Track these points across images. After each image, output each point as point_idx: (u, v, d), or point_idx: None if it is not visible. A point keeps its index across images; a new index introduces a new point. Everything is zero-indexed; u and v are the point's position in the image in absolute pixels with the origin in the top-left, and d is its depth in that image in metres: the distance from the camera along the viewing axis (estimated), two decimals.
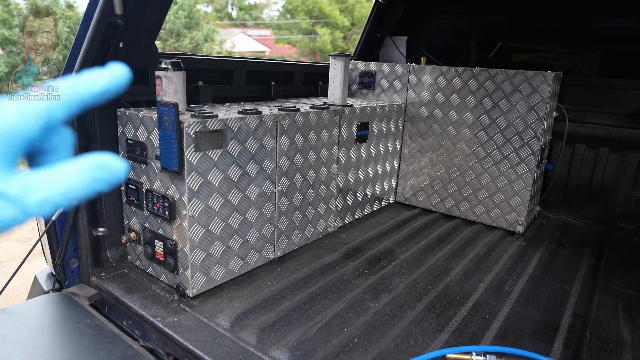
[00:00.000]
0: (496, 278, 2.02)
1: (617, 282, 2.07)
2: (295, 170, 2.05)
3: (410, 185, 2.93)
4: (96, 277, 1.83)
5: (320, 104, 2.27)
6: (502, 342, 1.55)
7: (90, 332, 1.47)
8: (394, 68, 2.85)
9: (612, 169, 2.82)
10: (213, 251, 1.73)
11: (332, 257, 2.11)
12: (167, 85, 1.68)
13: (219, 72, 2.33)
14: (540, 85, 2.35)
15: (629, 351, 1.53)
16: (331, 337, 1.51)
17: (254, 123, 1.78)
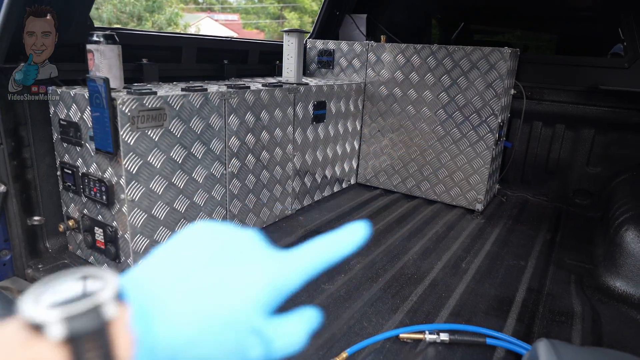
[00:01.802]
0: (454, 256, 2.01)
1: (570, 255, 2.10)
2: (247, 151, 1.96)
3: (372, 166, 2.89)
4: (32, 269, 1.70)
5: (274, 82, 2.17)
6: (457, 320, 1.53)
7: None
8: (353, 46, 2.77)
9: (568, 145, 2.85)
10: (158, 237, 1.63)
11: (289, 240, 2.04)
12: (100, 60, 1.55)
13: (165, 49, 2.19)
14: (497, 61, 2.33)
15: (579, 322, 1.54)
16: None
17: (199, 101, 1.68)
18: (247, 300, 0.35)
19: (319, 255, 0.39)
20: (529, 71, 2.81)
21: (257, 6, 28.04)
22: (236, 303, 0.34)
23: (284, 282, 0.37)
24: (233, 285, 0.35)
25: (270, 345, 0.36)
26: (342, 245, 0.40)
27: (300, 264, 0.38)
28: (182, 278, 0.34)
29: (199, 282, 0.34)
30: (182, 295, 0.33)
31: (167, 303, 0.32)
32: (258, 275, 0.36)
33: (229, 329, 0.34)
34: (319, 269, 0.39)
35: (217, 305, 0.34)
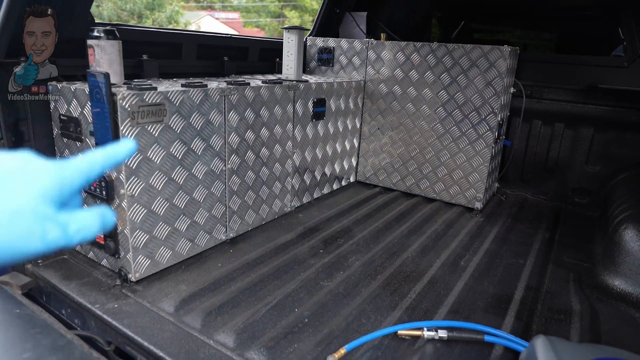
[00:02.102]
0: (453, 254, 2.01)
1: (569, 254, 2.10)
2: (247, 148, 1.96)
3: (371, 164, 2.89)
4: (32, 264, 1.70)
5: (273, 79, 2.17)
6: (455, 317, 1.54)
7: (18, 323, 1.35)
8: (353, 44, 2.77)
9: (567, 144, 2.86)
10: (157, 233, 1.63)
11: (288, 237, 2.04)
12: (101, 55, 1.55)
13: (166, 45, 2.19)
14: (497, 60, 2.33)
15: (577, 320, 1.55)
16: (281, 318, 1.46)
17: (199, 97, 1.68)
18: (33, 195, 0.44)
19: (81, 165, 0.49)
20: (528, 70, 2.81)
21: (258, 4, 28.00)
22: (24, 199, 0.43)
23: (67, 177, 0.47)
24: (19, 184, 0.44)
25: (66, 230, 0.45)
26: (103, 159, 0.50)
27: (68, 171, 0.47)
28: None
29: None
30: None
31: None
32: (40, 175, 0.45)
33: (22, 218, 0.42)
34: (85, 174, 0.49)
35: (6, 200, 0.42)
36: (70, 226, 0.45)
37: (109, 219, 0.49)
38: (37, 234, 0.43)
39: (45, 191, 0.45)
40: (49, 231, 0.44)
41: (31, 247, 0.43)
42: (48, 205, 0.45)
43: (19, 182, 0.44)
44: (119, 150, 0.51)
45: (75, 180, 0.48)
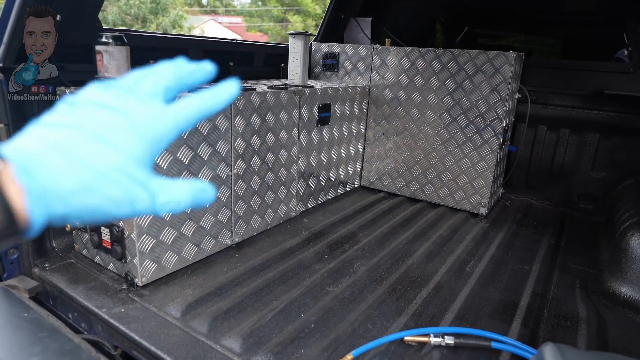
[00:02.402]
0: (458, 259, 2.01)
1: (575, 260, 2.10)
2: (253, 153, 1.97)
3: (375, 169, 2.90)
4: (39, 268, 1.71)
5: (279, 85, 2.18)
6: (462, 323, 1.53)
7: (26, 327, 1.36)
8: (358, 49, 2.78)
9: (572, 150, 2.85)
10: (164, 237, 1.64)
11: (293, 242, 2.05)
12: (109, 61, 1.56)
13: (172, 50, 2.21)
14: (502, 65, 2.33)
15: (585, 327, 1.54)
16: (287, 323, 1.46)
17: None
18: (128, 155, 0.40)
19: (189, 109, 0.44)
20: (533, 75, 2.81)
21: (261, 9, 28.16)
22: (119, 157, 0.39)
23: (160, 136, 0.42)
24: (113, 139, 0.39)
25: (155, 199, 0.41)
26: (212, 100, 0.45)
27: (172, 118, 0.43)
28: (60, 141, 0.38)
29: (78, 142, 0.38)
30: (60, 150, 0.37)
31: (48, 160, 0.37)
32: (136, 130, 0.41)
33: (115, 181, 0.39)
34: (190, 122, 0.44)
35: (98, 159, 0.38)
36: (163, 195, 0.41)
37: (207, 196, 0.44)
38: (129, 197, 0.39)
39: (146, 145, 0.41)
40: (141, 197, 0.40)
41: (119, 211, 0.39)
42: (144, 166, 0.41)
43: (119, 131, 0.40)
44: (222, 93, 0.46)
45: (175, 131, 0.43)
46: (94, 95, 0.41)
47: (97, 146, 0.38)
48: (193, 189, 0.43)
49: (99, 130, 0.39)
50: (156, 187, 0.41)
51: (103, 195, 0.38)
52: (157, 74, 0.44)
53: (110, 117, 0.40)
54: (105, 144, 0.39)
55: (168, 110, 0.43)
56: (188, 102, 0.44)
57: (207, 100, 0.44)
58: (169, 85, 0.44)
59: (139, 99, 0.42)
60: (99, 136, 0.39)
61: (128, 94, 0.42)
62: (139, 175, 0.40)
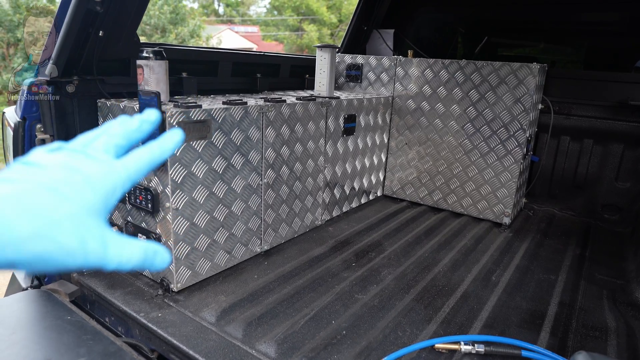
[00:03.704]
0: (484, 269, 2.03)
1: (601, 271, 2.09)
2: (282, 163, 2.02)
3: (398, 178, 2.93)
4: (77, 272, 1.78)
5: (307, 96, 2.24)
6: (490, 332, 1.55)
7: (70, 329, 1.42)
8: (381, 61, 2.83)
9: (596, 160, 2.85)
10: (198, 245, 1.69)
11: (320, 250, 2.09)
12: (149, 74, 1.64)
13: (203, 63, 2.28)
14: (526, 77, 2.36)
15: (614, 337, 1.55)
16: (319, 330, 1.49)
17: (239, 114, 1.75)
18: (83, 206, 0.40)
19: (139, 161, 0.46)
20: (556, 86, 2.82)
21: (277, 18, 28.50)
22: (73, 207, 0.40)
23: (113, 188, 0.43)
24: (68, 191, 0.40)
25: (107, 251, 0.41)
26: (159, 150, 0.48)
27: (124, 171, 0.45)
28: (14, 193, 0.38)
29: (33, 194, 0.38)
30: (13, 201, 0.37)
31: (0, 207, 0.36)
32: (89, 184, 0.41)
33: (69, 230, 0.39)
34: (142, 173, 0.46)
35: (53, 208, 0.38)
36: (115, 249, 0.42)
37: (160, 258, 0.45)
38: (82, 247, 0.40)
39: (99, 197, 0.42)
40: (93, 248, 0.40)
41: (70, 261, 0.39)
42: (98, 217, 0.42)
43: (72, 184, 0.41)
44: (167, 143, 0.48)
45: (128, 183, 0.45)
46: (47, 156, 0.42)
47: (51, 197, 0.39)
48: (146, 249, 0.44)
49: (54, 183, 0.40)
50: (109, 240, 0.42)
51: (56, 244, 0.38)
52: (107, 134, 0.47)
53: (64, 173, 0.41)
54: (59, 195, 0.39)
55: (119, 164, 0.45)
56: (138, 155, 0.46)
57: (154, 150, 0.47)
58: (119, 143, 0.47)
59: (91, 157, 0.44)
60: (53, 188, 0.39)
61: (79, 153, 0.44)
62: (93, 225, 0.41)
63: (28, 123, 1.66)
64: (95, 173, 0.42)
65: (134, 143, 0.48)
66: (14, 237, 0.36)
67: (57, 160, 0.42)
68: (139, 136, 0.48)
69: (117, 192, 0.44)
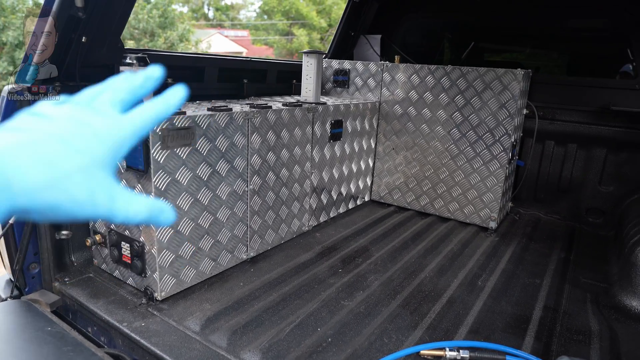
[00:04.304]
0: (470, 274, 2.03)
1: (585, 274, 2.12)
2: (268, 169, 2.02)
3: (385, 183, 2.93)
4: (59, 282, 1.75)
5: (293, 102, 2.24)
6: (476, 337, 1.55)
7: (51, 341, 1.40)
8: (368, 66, 2.84)
9: (580, 164, 2.88)
10: (182, 252, 1.68)
11: (307, 256, 2.08)
12: None
13: (189, 69, 2.27)
14: (510, 82, 2.38)
15: (597, 341, 1.56)
16: (304, 337, 1.49)
17: (224, 120, 1.74)
18: (93, 159, 0.41)
19: (144, 116, 0.46)
20: (541, 91, 2.86)
21: (267, 23, 28.50)
22: (84, 159, 0.40)
23: (121, 142, 0.44)
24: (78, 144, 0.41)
25: (115, 204, 0.42)
26: (164, 106, 0.48)
27: (130, 125, 0.45)
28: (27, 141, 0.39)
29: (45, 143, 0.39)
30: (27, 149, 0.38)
31: (15, 156, 0.37)
32: (98, 137, 0.42)
33: (80, 182, 0.40)
34: (147, 128, 0.47)
35: (65, 159, 0.39)
36: (122, 202, 0.43)
37: (165, 216, 0.46)
38: (91, 198, 0.41)
39: (108, 151, 0.43)
40: (102, 200, 0.41)
41: (80, 211, 0.40)
42: (107, 171, 0.43)
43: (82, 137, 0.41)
44: (171, 99, 0.48)
45: (134, 138, 0.46)
46: (54, 108, 0.43)
47: (63, 148, 0.40)
48: (152, 206, 0.45)
49: (64, 135, 0.40)
50: (117, 194, 0.43)
51: (67, 194, 0.39)
52: (112, 89, 0.47)
53: (73, 125, 0.42)
54: (71, 147, 0.40)
55: (125, 119, 0.45)
56: (143, 110, 0.47)
57: (159, 106, 0.48)
58: (124, 98, 0.47)
59: (98, 110, 0.44)
60: (64, 140, 0.40)
61: (86, 106, 0.44)
62: (102, 179, 0.42)
63: None
64: (103, 127, 0.43)
65: (138, 99, 0.48)
66: (29, 186, 0.37)
67: (64, 113, 0.42)
68: (143, 92, 0.49)
69: (124, 147, 0.45)
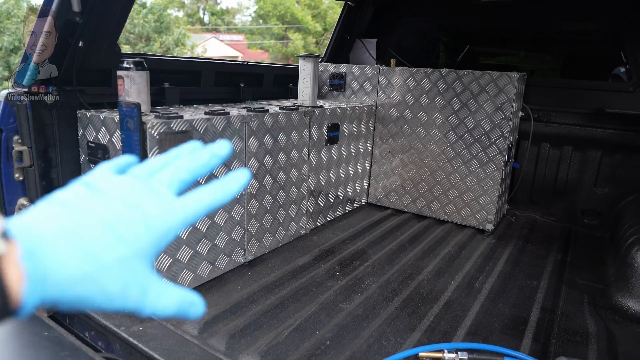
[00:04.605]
0: (467, 276, 2.04)
1: (582, 276, 2.13)
2: (265, 172, 2.02)
3: (382, 186, 2.94)
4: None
5: (290, 105, 2.25)
6: (474, 339, 1.56)
7: (48, 345, 1.39)
8: (364, 70, 2.86)
9: (575, 166, 2.90)
10: (180, 256, 1.67)
11: (304, 259, 2.08)
12: (130, 85, 1.63)
13: (185, 73, 2.28)
14: (506, 85, 2.40)
15: (594, 342, 1.57)
16: (303, 340, 1.48)
17: (221, 124, 1.75)
18: (136, 249, 0.38)
19: (199, 204, 0.43)
20: (536, 94, 2.88)
21: (262, 27, 28.57)
22: (126, 250, 0.38)
23: (168, 231, 0.41)
24: (124, 231, 0.38)
25: (145, 299, 0.39)
26: (222, 193, 0.45)
27: (182, 214, 0.42)
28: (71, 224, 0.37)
29: (89, 229, 0.37)
30: (69, 235, 0.36)
31: (56, 244, 0.35)
32: (147, 224, 0.40)
33: (116, 275, 0.37)
34: (198, 217, 0.44)
35: (106, 250, 0.37)
36: (153, 296, 0.40)
37: (195, 310, 0.43)
38: (124, 293, 0.38)
39: (152, 241, 0.40)
40: (134, 295, 0.39)
41: (109, 305, 0.38)
42: (146, 261, 0.40)
43: (130, 224, 0.39)
44: (232, 185, 0.45)
45: (183, 226, 0.43)
46: (111, 181, 0.41)
47: (107, 236, 0.37)
48: (182, 300, 0.42)
49: (112, 219, 0.38)
50: (150, 287, 0.40)
51: (99, 287, 0.37)
52: (174, 167, 0.45)
53: (124, 207, 0.39)
54: (115, 234, 0.38)
55: (179, 205, 0.42)
56: (199, 197, 0.44)
57: (217, 193, 0.44)
58: (184, 179, 0.45)
59: (154, 191, 0.42)
60: (110, 225, 0.38)
61: (144, 183, 0.42)
62: (139, 270, 0.39)
63: (5, 134, 1.63)
64: (155, 213, 0.40)
65: (199, 177, 0.46)
66: (63, 279, 0.35)
67: (119, 188, 0.41)
68: (206, 171, 0.46)
69: (171, 235, 0.42)
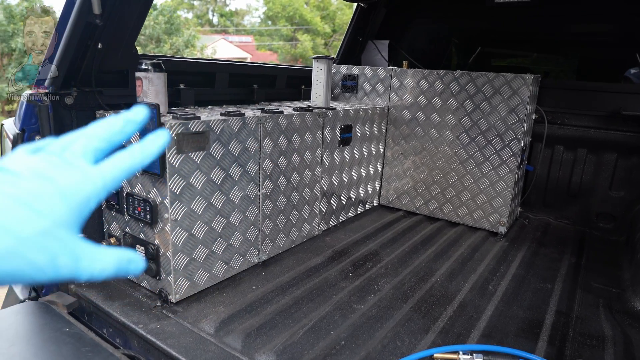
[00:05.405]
0: (480, 278, 2.04)
1: (597, 279, 2.11)
2: (279, 173, 2.04)
3: (394, 188, 2.94)
4: (75, 284, 1.77)
5: (304, 107, 2.26)
6: (488, 341, 1.56)
7: (69, 341, 1.42)
8: (377, 71, 2.86)
9: (590, 169, 2.88)
10: (196, 255, 1.69)
11: (317, 260, 2.09)
12: (148, 86, 1.65)
13: (200, 74, 2.30)
14: (520, 87, 2.39)
15: (611, 346, 1.56)
16: (318, 340, 1.49)
17: (237, 125, 1.77)
18: (54, 219, 0.39)
19: (117, 168, 0.44)
20: (550, 96, 2.86)
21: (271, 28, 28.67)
22: (44, 222, 0.39)
23: (88, 198, 0.42)
24: (38, 205, 0.39)
25: (79, 264, 0.40)
26: (141, 155, 0.46)
27: (100, 180, 0.43)
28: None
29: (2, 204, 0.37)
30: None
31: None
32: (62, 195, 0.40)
33: (40, 247, 0.38)
34: (119, 180, 0.45)
35: (22, 224, 0.37)
36: (87, 261, 0.41)
37: (134, 266, 0.45)
38: (53, 262, 0.39)
39: (72, 210, 0.41)
40: (64, 263, 0.40)
41: (41, 276, 0.39)
42: (70, 230, 0.41)
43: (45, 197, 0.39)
44: (150, 147, 0.46)
45: (103, 192, 0.43)
46: (24, 161, 0.41)
47: (23, 213, 0.38)
48: (120, 258, 0.43)
49: (25, 196, 0.38)
50: (81, 252, 0.41)
51: (25, 260, 0.37)
52: (87, 137, 0.45)
53: (37, 183, 0.40)
54: (31, 210, 0.38)
55: (95, 172, 0.43)
56: (116, 161, 0.44)
57: (136, 156, 0.45)
58: (98, 147, 0.45)
59: (67, 163, 0.42)
60: (25, 202, 0.38)
61: (56, 157, 0.42)
62: (64, 239, 0.40)
63: (27, 135, 1.66)
64: (69, 183, 0.41)
65: (117, 145, 0.46)
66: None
67: (32, 167, 0.41)
68: (122, 138, 0.46)
69: (91, 203, 0.43)
